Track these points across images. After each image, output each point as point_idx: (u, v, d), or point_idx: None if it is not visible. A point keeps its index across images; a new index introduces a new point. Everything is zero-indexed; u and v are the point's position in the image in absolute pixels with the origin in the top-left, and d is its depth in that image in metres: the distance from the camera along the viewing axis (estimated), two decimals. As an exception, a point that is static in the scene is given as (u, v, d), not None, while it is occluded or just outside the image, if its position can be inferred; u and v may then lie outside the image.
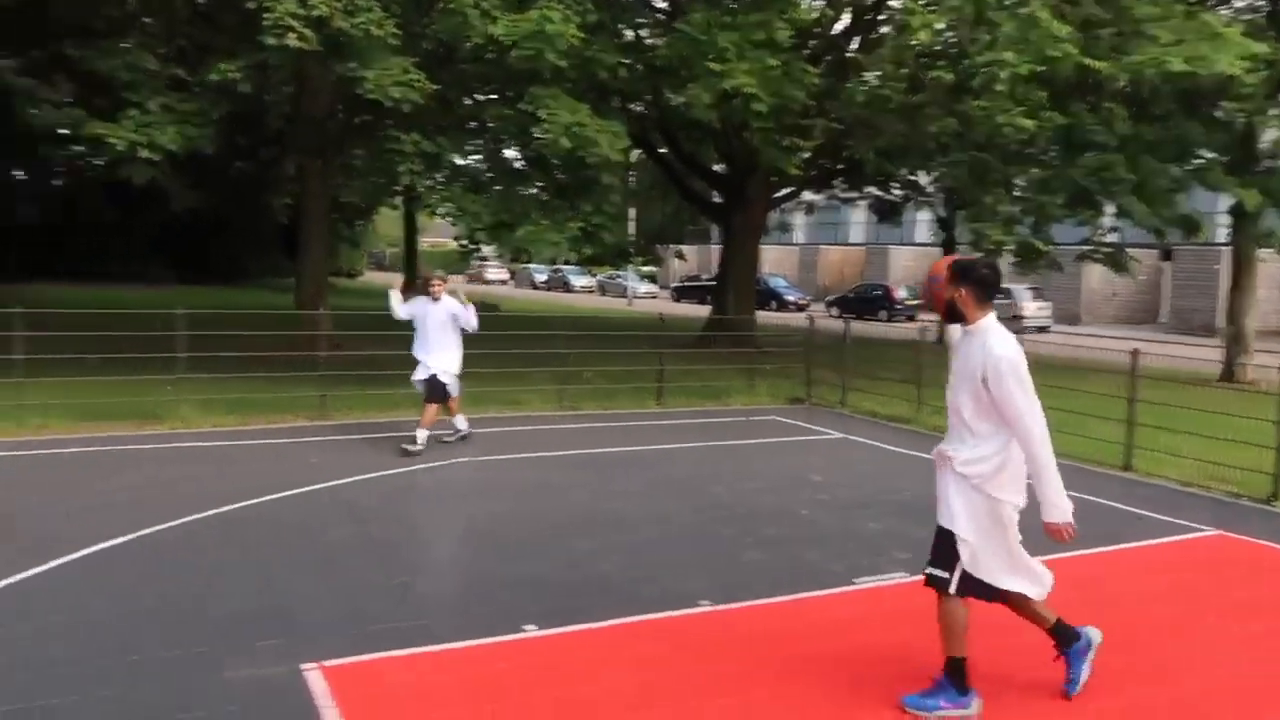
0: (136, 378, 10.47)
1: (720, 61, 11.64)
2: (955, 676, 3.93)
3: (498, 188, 12.30)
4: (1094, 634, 4.13)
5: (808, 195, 24.84)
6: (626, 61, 12.61)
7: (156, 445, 9.07)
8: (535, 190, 12.52)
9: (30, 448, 8.72)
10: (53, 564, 5.47)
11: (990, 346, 3.79)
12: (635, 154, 20.04)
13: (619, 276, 48.56)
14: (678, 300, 44.02)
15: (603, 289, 50.08)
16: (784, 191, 20.67)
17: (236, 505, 6.85)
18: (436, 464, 8.51)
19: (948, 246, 21.83)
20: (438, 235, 58.98)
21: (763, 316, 21.14)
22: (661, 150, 21.06)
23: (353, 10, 9.85)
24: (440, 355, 8.87)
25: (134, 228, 34.99)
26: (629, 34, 15.87)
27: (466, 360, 9.24)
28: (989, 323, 3.88)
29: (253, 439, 9.46)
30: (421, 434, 8.75)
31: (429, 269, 8.69)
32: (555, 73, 10.92)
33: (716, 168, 21.86)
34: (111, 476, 7.78)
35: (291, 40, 9.53)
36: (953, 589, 3.89)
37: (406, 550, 6.22)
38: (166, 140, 10.60)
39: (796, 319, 27.93)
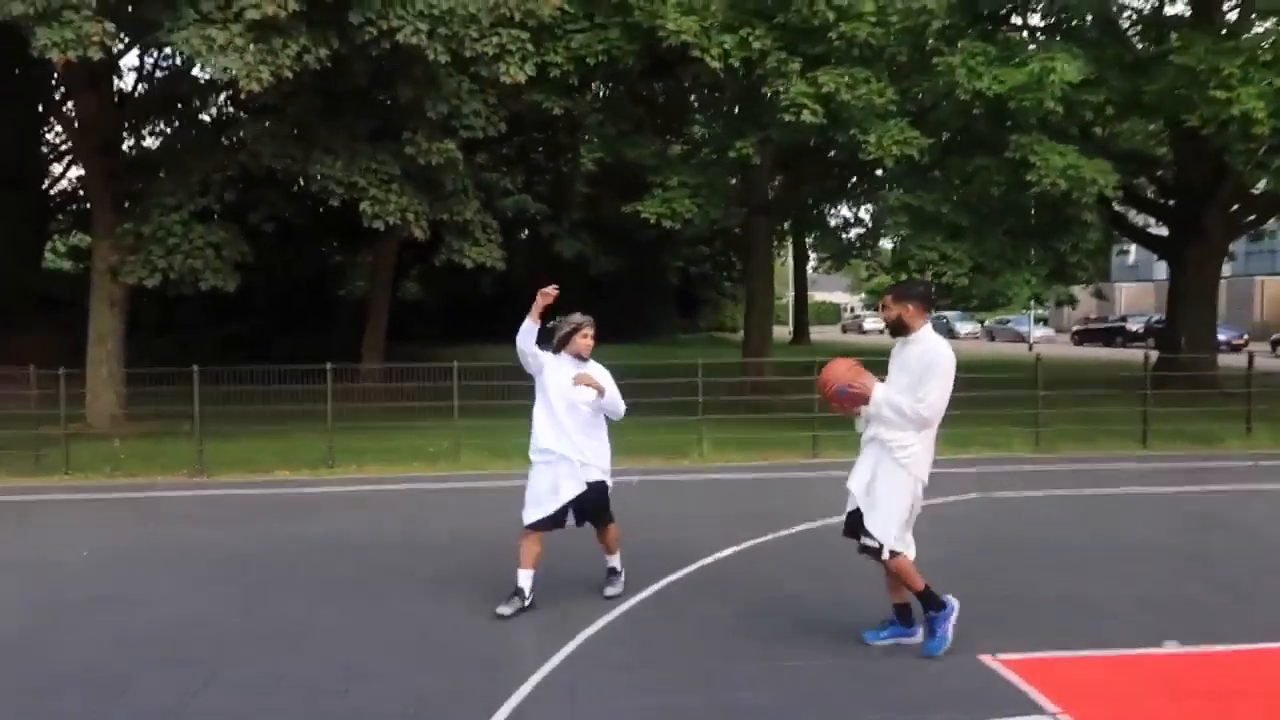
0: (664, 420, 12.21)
1: (1224, 89, 11.10)
2: (932, 600, 4.83)
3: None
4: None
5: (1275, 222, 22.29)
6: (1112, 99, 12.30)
7: (690, 476, 10.51)
8: (1006, 235, 12.69)
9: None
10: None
11: (928, 348, 4.65)
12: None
13: (1009, 321, 46.48)
14: (1079, 344, 41.21)
15: (991, 335, 48.13)
16: (1248, 219, 18.82)
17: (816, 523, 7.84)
18: (950, 499, 8.99)
19: None
20: (821, 290, 60.04)
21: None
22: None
23: (853, 84, 10.95)
24: (594, 445, 5.60)
25: (561, 295, 39.73)
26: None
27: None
28: (927, 330, 4.74)
29: (771, 473, 10.61)
30: (615, 560, 5.91)
31: (577, 316, 5.69)
32: (1043, 118, 11.19)
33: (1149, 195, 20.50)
34: (689, 501, 9.20)
35: (806, 116, 10.81)
36: (886, 556, 4.73)
37: (991, 570, 6.68)
38: (683, 209, 12.41)
39: (1237, 360, 25.07)
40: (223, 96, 13.07)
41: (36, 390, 11.42)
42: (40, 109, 21.10)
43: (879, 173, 12.12)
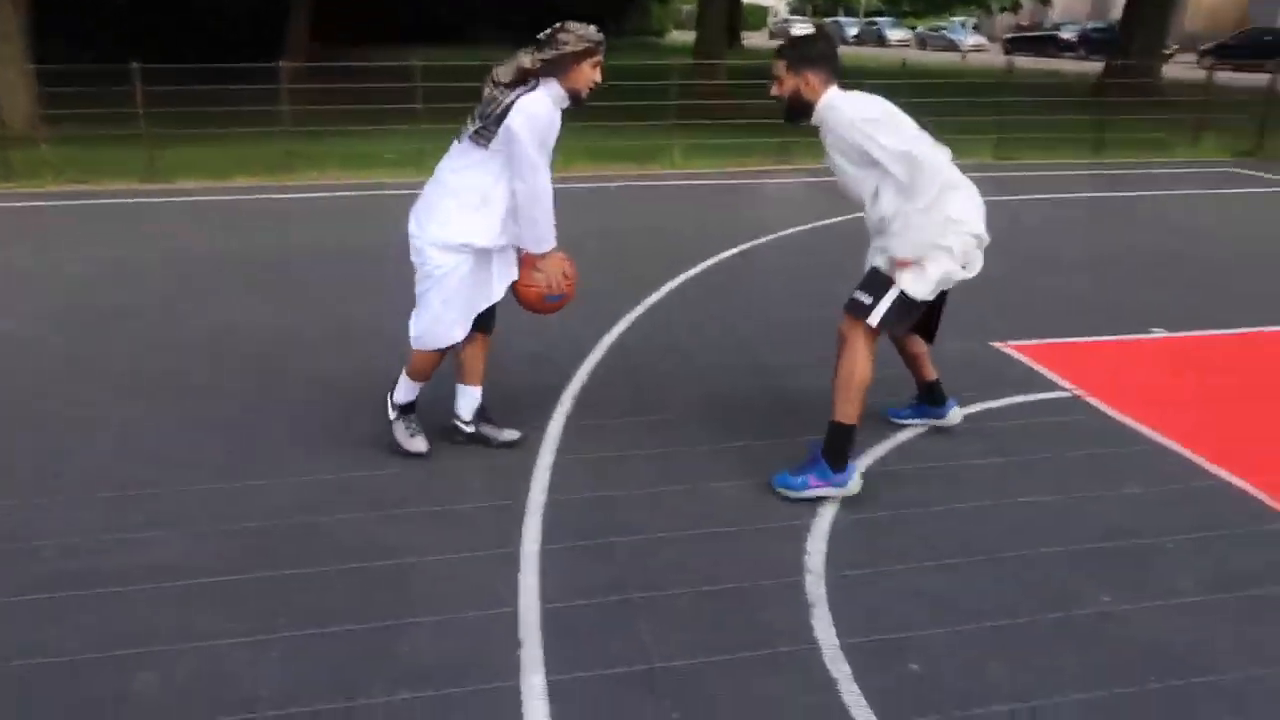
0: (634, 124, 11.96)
1: None
2: (844, 449, 3.46)
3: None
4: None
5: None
6: None
7: (665, 183, 10.52)
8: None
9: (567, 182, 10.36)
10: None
11: (842, 114, 3.30)
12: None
13: (942, 29, 45.45)
14: (1009, 53, 40.80)
15: (923, 42, 47.10)
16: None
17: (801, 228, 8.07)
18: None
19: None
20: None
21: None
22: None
23: None
24: None
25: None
26: None
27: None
28: (832, 96, 3.35)
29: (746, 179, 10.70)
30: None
31: (594, 30, 3.34)
32: None
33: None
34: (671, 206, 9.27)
35: None
36: (872, 321, 3.38)
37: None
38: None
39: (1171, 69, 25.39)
40: None
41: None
42: None
43: None
